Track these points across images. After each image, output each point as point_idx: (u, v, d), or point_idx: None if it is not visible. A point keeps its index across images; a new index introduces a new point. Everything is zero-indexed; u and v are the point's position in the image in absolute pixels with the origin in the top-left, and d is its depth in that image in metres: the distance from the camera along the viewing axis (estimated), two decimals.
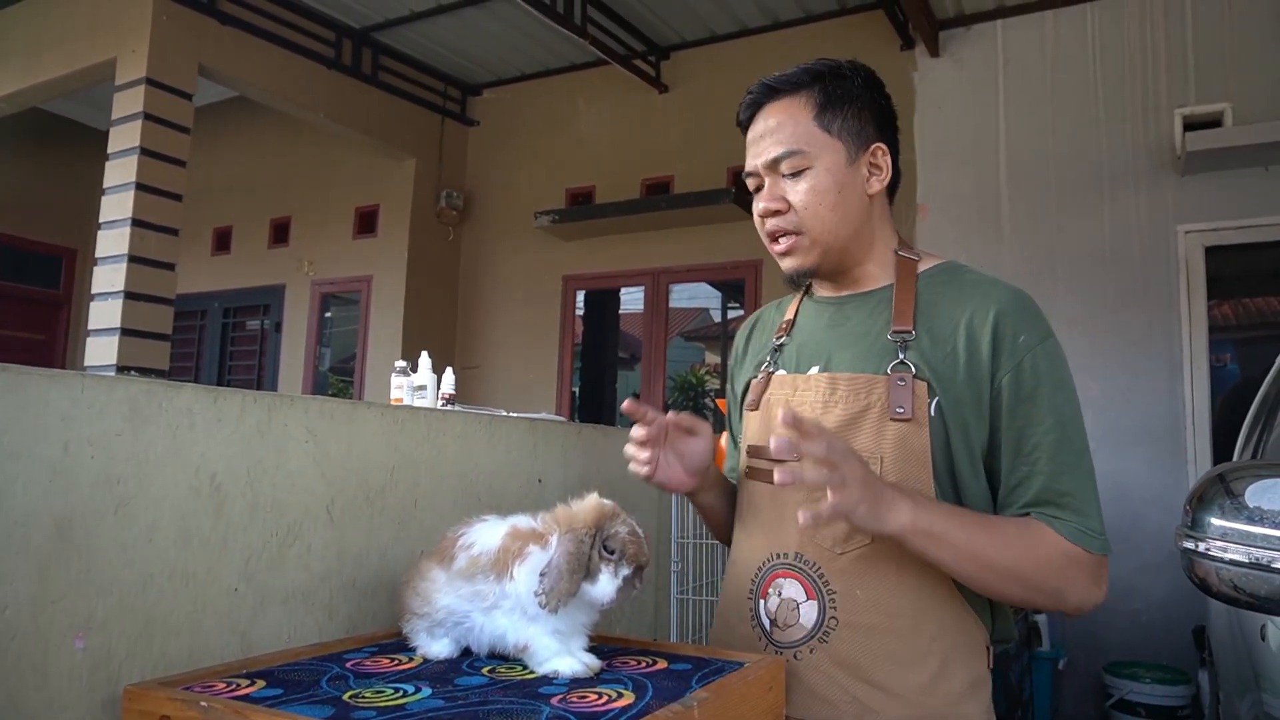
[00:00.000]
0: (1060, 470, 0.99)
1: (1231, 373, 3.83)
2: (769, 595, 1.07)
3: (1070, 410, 1.01)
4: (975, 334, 1.01)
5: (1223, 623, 2.10)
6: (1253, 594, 0.91)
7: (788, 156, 1.06)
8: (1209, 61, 3.81)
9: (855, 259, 1.11)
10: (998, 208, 4.16)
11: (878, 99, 1.11)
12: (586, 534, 0.92)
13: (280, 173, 6.35)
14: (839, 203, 1.06)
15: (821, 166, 1.06)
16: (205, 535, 0.96)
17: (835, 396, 1.05)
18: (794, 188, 1.07)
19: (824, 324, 1.14)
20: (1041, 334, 1.02)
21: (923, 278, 1.10)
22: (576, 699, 0.81)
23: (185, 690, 0.80)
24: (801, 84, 1.09)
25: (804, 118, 1.07)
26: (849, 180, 1.07)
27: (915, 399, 1.00)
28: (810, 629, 1.03)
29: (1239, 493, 0.93)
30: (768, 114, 1.10)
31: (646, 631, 1.93)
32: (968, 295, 1.05)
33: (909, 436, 1.00)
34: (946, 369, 1.01)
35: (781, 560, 1.07)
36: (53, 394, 0.82)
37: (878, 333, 1.07)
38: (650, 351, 5.16)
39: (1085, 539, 0.98)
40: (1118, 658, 3.62)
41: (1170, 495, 3.62)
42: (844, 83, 1.08)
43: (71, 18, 4.62)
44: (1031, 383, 1.00)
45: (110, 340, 4.09)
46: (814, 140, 1.06)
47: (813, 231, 1.07)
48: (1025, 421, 1.00)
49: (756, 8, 4.68)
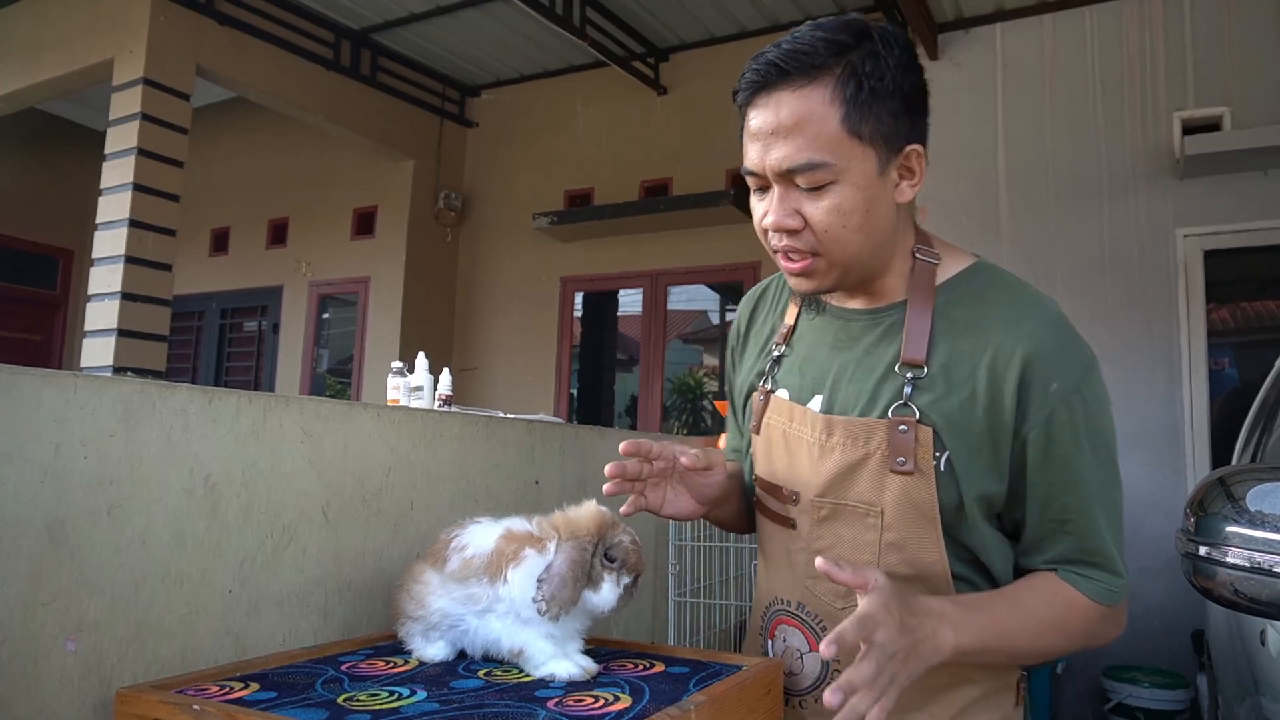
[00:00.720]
0: (1090, 531, 0.91)
1: (1230, 377, 3.82)
2: (775, 638, 1.03)
3: (1106, 463, 0.91)
4: (998, 377, 0.88)
5: (1222, 627, 2.09)
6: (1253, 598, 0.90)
7: (808, 169, 0.85)
8: (1208, 65, 3.82)
9: (875, 272, 0.95)
10: (996, 211, 4.16)
11: (915, 84, 0.89)
12: (589, 542, 0.91)
13: (278, 174, 6.34)
14: (865, 223, 0.88)
15: (849, 182, 0.86)
16: (199, 537, 0.95)
17: (831, 441, 0.94)
18: (813, 204, 0.87)
19: (828, 342, 1.00)
20: (1078, 377, 0.89)
21: (943, 291, 0.94)
22: (573, 702, 0.80)
23: (178, 694, 0.79)
24: (824, 65, 0.85)
25: (829, 118, 0.84)
26: (879, 193, 0.88)
27: (919, 448, 0.88)
28: (815, 679, 0.98)
29: (1240, 496, 0.93)
30: (779, 103, 0.86)
31: (644, 634, 1.92)
32: (995, 323, 0.90)
33: (913, 490, 0.89)
34: (961, 417, 0.89)
35: (784, 607, 1.01)
36: (45, 394, 0.82)
37: (886, 365, 0.93)
38: (648, 353, 5.16)
39: (1112, 597, 0.92)
40: (1116, 662, 3.61)
41: (1169, 499, 3.61)
42: (878, 65, 0.85)
43: (69, 18, 4.61)
44: (1063, 438, 0.88)
45: (107, 341, 4.08)
46: (841, 149, 0.85)
47: (832, 255, 0.89)
48: (1054, 480, 0.89)
49: (755, 10, 4.68)
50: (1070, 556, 0.92)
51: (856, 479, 0.92)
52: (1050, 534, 0.92)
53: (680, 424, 5.29)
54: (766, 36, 4.78)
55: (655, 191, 5.10)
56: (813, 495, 0.96)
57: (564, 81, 5.54)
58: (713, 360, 5.50)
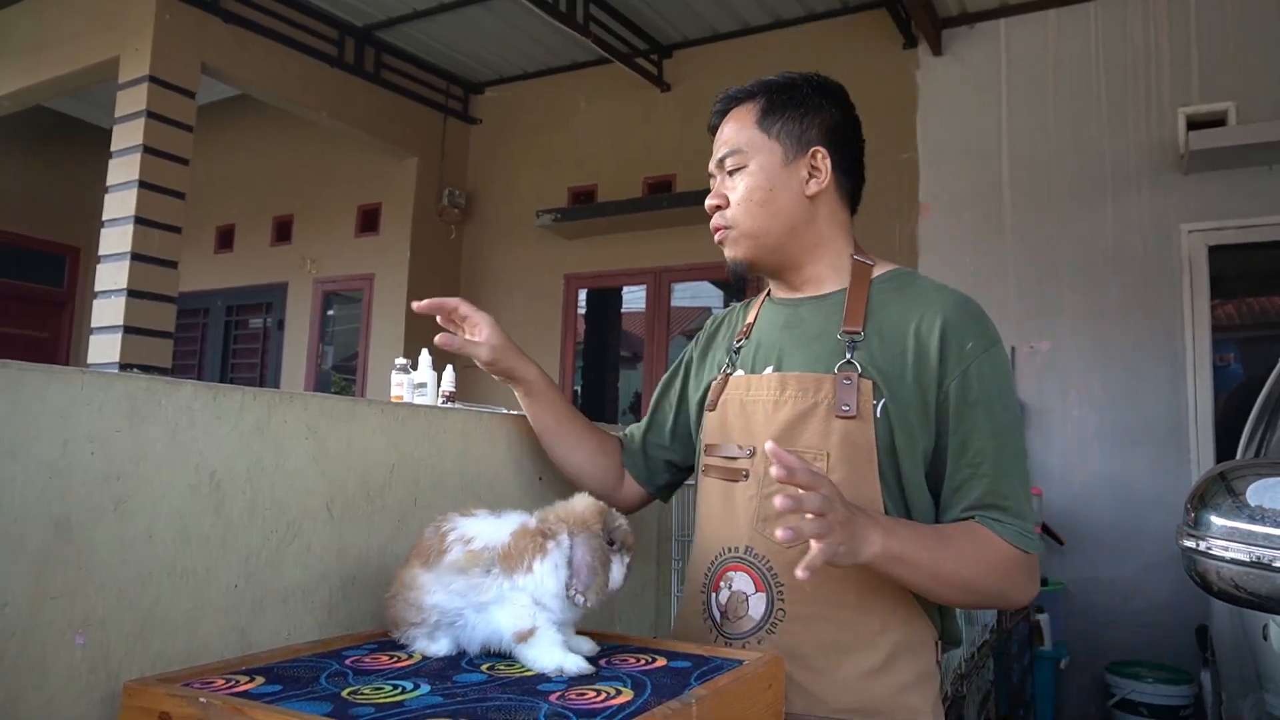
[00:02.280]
0: (1002, 474, 1.03)
1: (1235, 372, 3.82)
2: (720, 588, 1.11)
3: (1011, 418, 1.06)
4: (923, 338, 1.05)
5: (1225, 622, 2.09)
6: (1254, 593, 0.90)
7: (729, 155, 1.16)
8: (1213, 60, 3.80)
9: (796, 258, 1.16)
10: (1000, 207, 4.15)
11: (829, 108, 1.16)
12: (600, 531, 0.95)
13: (283, 171, 6.35)
14: (769, 199, 1.13)
15: (756, 164, 1.14)
16: (205, 533, 0.96)
17: (785, 395, 1.09)
18: (732, 184, 1.16)
19: (780, 325, 1.18)
20: (987, 342, 1.05)
21: (876, 283, 1.13)
22: (575, 696, 0.81)
23: (185, 686, 0.80)
24: (754, 93, 1.18)
25: (749, 121, 1.16)
26: (783, 179, 1.13)
27: (861, 397, 1.04)
28: (758, 620, 1.07)
29: (1240, 491, 0.93)
30: (726, 121, 1.20)
31: (647, 629, 1.93)
32: (918, 300, 1.09)
33: (854, 434, 1.04)
34: (894, 370, 1.05)
35: (732, 554, 1.11)
36: (50, 391, 0.82)
37: (830, 334, 1.10)
38: (652, 350, 5.16)
39: (1025, 540, 1.02)
40: (1120, 657, 3.61)
41: (1173, 495, 3.61)
42: (791, 90, 1.16)
43: (75, 16, 4.63)
44: (977, 390, 1.03)
45: (113, 338, 4.10)
46: (753, 141, 1.15)
47: (741, 225, 1.15)
48: (970, 427, 1.03)
49: (759, 6, 4.67)
50: (985, 501, 1.03)
51: (806, 427, 1.06)
52: (966, 480, 1.04)
53: None
54: (770, 32, 4.82)
55: (658, 188, 5.10)
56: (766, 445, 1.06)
57: (567, 78, 5.54)
58: None
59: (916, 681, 1.05)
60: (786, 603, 1.05)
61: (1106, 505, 3.70)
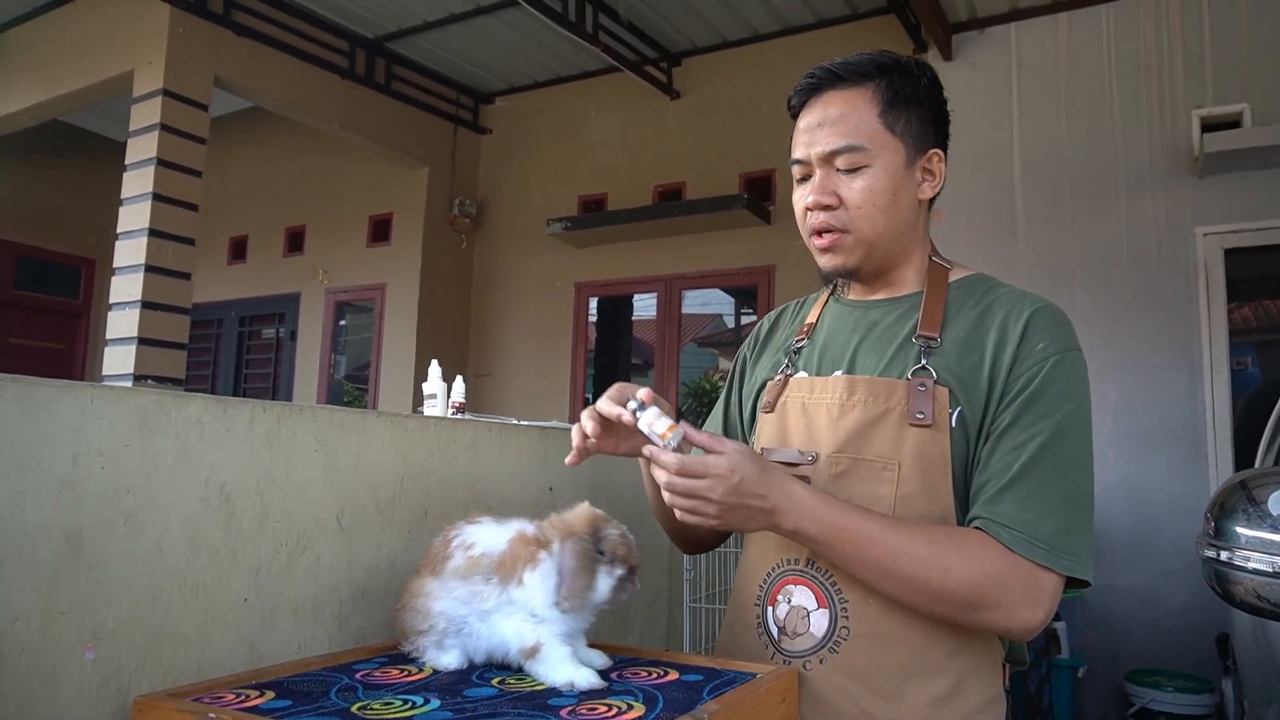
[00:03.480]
0: (1031, 476, 0.92)
1: (1253, 376, 3.77)
2: (778, 602, 1.04)
3: (1070, 422, 0.94)
4: (1002, 344, 0.98)
5: (1247, 630, 2.06)
6: (1277, 603, 0.89)
7: (848, 151, 1.02)
8: (1226, 61, 3.77)
9: (894, 264, 1.09)
10: (1013, 211, 4.12)
11: (940, 102, 1.08)
12: (587, 537, 0.95)
13: (294, 182, 6.40)
14: (892, 205, 1.03)
15: (880, 166, 1.02)
16: (214, 546, 0.96)
17: (854, 399, 1.02)
18: (848, 184, 1.02)
19: (849, 327, 1.10)
20: (1063, 346, 0.98)
21: (954, 287, 1.07)
22: (586, 711, 0.80)
23: (194, 701, 0.80)
24: (869, 75, 1.04)
25: (869, 112, 1.02)
26: (905, 184, 1.04)
27: (936, 405, 0.97)
28: (820, 638, 0.99)
29: (1261, 500, 0.92)
30: (828, 102, 1.04)
31: (659, 641, 1.91)
32: (997, 305, 1.03)
33: (928, 443, 0.97)
34: (970, 378, 0.98)
35: (792, 566, 1.03)
36: (61, 405, 0.82)
37: (904, 338, 1.04)
38: (663, 358, 5.15)
39: (1031, 549, 0.89)
40: (1139, 666, 3.57)
41: (1191, 500, 3.56)
42: (911, 81, 1.04)
43: (89, 31, 4.68)
44: (1038, 385, 0.95)
45: (128, 349, 4.13)
46: (877, 138, 1.02)
47: (860, 231, 1.03)
48: (1015, 418, 0.95)
49: (768, 13, 4.67)
50: (1000, 497, 0.92)
51: (875, 434, 0.99)
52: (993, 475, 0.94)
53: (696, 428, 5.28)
54: (779, 40, 4.82)
55: (669, 196, 5.10)
56: (830, 451, 1.02)
57: (577, 87, 5.55)
58: (728, 364, 5.49)
59: (985, 707, 0.98)
60: (851, 620, 0.98)
61: (1123, 511, 3.66)
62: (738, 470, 0.91)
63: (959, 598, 0.91)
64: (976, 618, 0.92)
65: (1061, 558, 0.90)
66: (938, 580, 0.91)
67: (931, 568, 0.90)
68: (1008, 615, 0.91)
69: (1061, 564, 0.90)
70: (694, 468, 0.91)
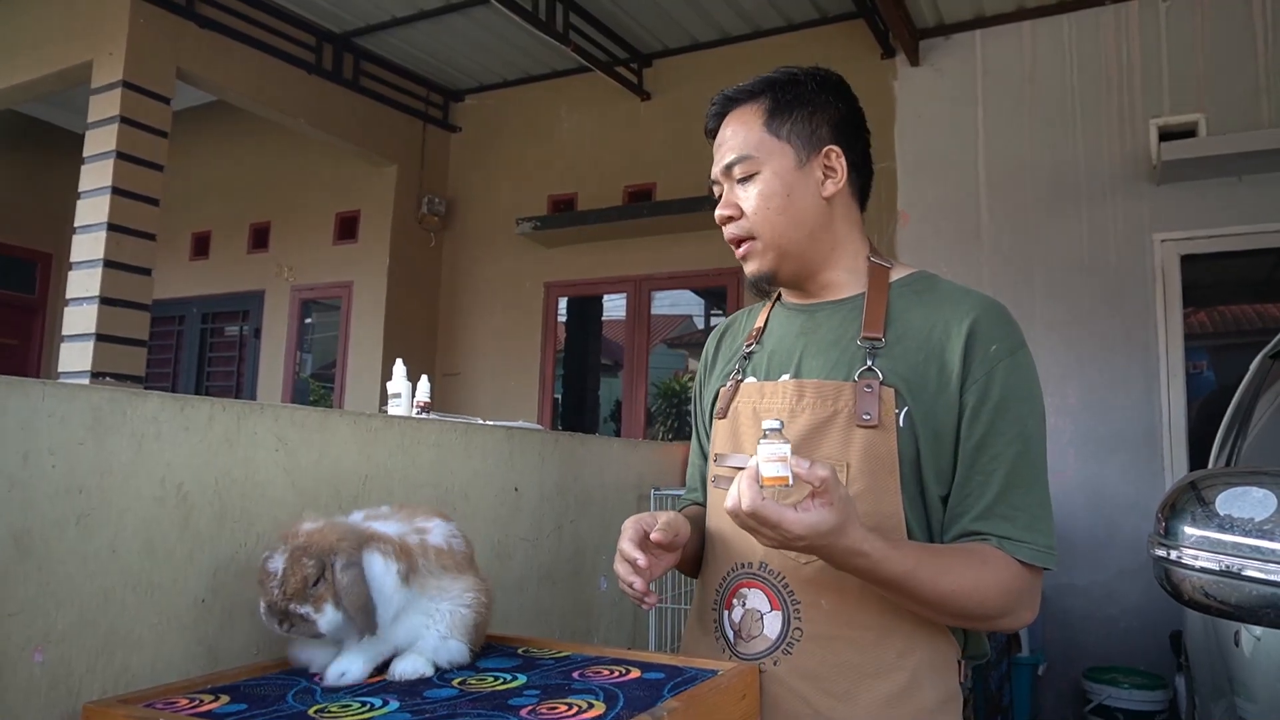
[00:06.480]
0: (1016, 484, 0.98)
1: (1208, 380, 3.87)
2: (733, 605, 1.05)
3: (1035, 426, 1.00)
4: (947, 343, 1.01)
5: (1199, 629, 2.11)
6: (1224, 601, 0.91)
7: (738, 162, 1.08)
8: (1183, 72, 3.86)
9: (817, 264, 1.11)
10: (977, 216, 4.19)
11: (835, 103, 1.11)
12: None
13: (260, 178, 6.30)
14: (787, 205, 1.07)
15: (769, 170, 1.07)
16: (170, 546, 0.94)
17: (802, 403, 1.04)
18: (745, 193, 1.08)
19: (795, 331, 1.13)
20: (1013, 345, 1.01)
21: (895, 286, 1.09)
22: (546, 710, 0.80)
23: (146, 707, 0.79)
24: (756, 92, 1.10)
25: (755, 124, 1.08)
26: (799, 183, 1.07)
27: (882, 405, 0.99)
28: (774, 640, 1.01)
29: (1210, 500, 0.94)
30: (726, 123, 1.12)
31: (624, 640, 1.92)
32: (941, 304, 1.05)
33: (876, 444, 0.99)
34: (917, 377, 1.00)
35: (746, 570, 1.05)
36: (11, 402, 0.80)
37: (849, 340, 1.05)
38: (632, 358, 5.15)
39: (1040, 556, 0.97)
40: (1096, 663, 3.64)
41: (1146, 502, 3.64)
42: (796, 88, 1.09)
43: (47, 20, 4.56)
44: (999, 392, 0.99)
45: (85, 346, 4.03)
46: (763, 145, 1.07)
47: (764, 235, 1.08)
48: (988, 431, 0.98)
49: (738, 16, 4.70)
50: (996, 510, 0.97)
51: (825, 437, 1.02)
52: (979, 486, 0.98)
53: (665, 429, 5.29)
54: (749, 42, 4.84)
55: (639, 197, 5.10)
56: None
57: (547, 87, 5.53)
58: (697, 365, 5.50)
59: (941, 705, 0.99)
60: (804, 622, 0.99)
61: (1081, 511, 3.73)
62: (807, 538, 0.87)
63: (994, 613, 0.97)
64: (990, 625, 0.99)
65: (1050, 557, 0.98)
66: (986, 606, 0.96)
67: (978, 593, 0.95)
68: (1016, 619, 0.99)
69: (1051, 562, 0.98)
70: (769, 517, 0.86)
